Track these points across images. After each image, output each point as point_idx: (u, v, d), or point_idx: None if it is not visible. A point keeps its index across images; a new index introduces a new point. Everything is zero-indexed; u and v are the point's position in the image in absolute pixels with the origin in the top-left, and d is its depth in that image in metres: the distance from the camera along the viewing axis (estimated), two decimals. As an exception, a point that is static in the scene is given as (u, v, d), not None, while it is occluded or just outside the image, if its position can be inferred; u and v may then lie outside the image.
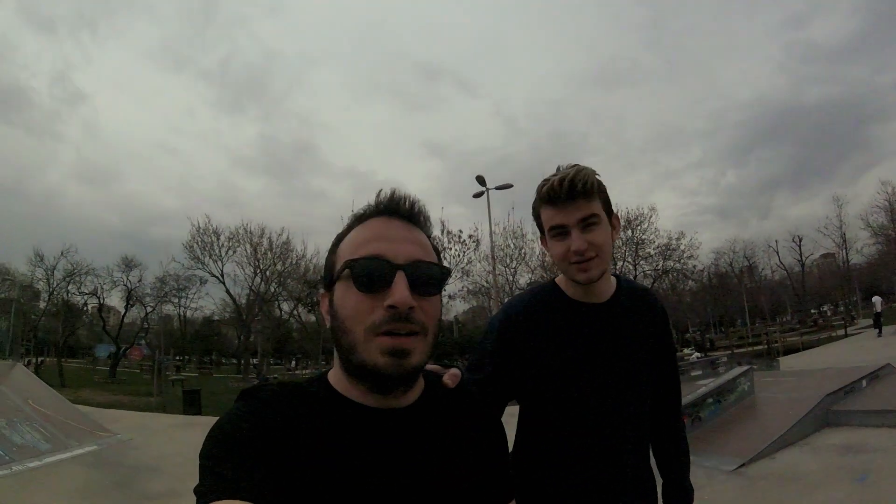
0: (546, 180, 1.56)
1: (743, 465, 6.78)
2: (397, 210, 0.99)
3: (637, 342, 1.69)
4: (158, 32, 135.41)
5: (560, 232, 1.56)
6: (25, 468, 8.32)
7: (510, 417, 1.50)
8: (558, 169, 1.58)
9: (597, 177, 1.55)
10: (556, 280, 1.74)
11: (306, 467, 0.85)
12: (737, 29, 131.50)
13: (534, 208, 1.66)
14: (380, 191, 0.99)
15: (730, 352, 34.80)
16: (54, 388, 17.47)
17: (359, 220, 1.00)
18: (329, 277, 0.98)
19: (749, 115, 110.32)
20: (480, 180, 25.99)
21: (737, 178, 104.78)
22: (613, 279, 1.74)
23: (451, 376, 1.14)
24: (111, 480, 8.19)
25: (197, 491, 0.79)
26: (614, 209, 1.65)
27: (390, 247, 0.92)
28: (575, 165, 1.55)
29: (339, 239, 1.00)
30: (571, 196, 1.51)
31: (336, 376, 0.99)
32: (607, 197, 1.60)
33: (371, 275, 0.90)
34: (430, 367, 1.17)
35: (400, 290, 0.88)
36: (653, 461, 1.83)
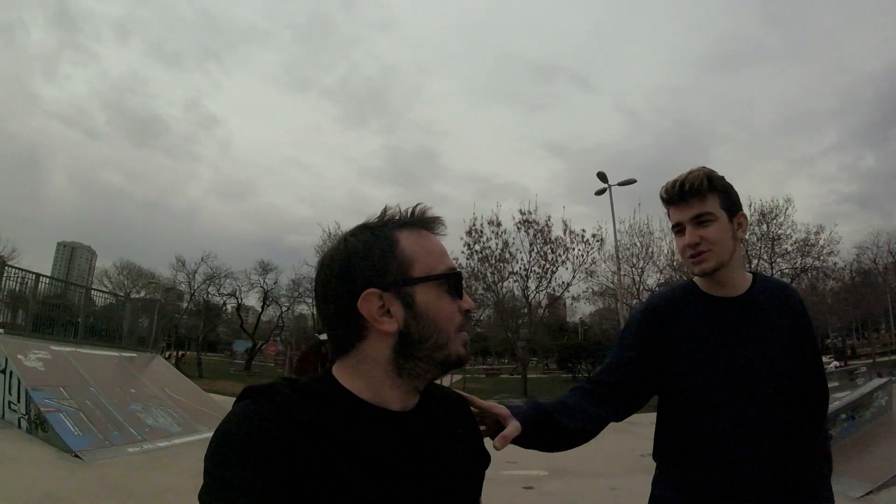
0: (665, 184, 1.77)
1: (871, 491, 6.17)
2: (439, 229, 1.07)
3: (773, 334, 1.70)
4: (280, 57, 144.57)
5: (679, 229, 1.75)
6: (155, 447, 9.10)
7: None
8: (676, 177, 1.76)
9: (708, 179, 1.70)
10: (694, 278, 1.85)
11: (329, 474, 0.85)
12: None
13: (666, 211, 1.84)
14: (417, 204, 1.05)
15: (871, 361, 31.81)
16: (192, 378, 18.96)
17: (407, 225, 1.03)
18: (400, 278, 0.97)
19: (884, 87, 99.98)
20: (602, 177, 25.39)
21: (877, 160, 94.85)
22: (749, 275, 1.82)
23: (502, 440, 1.29)
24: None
25: (202, 499, 0.79)
26: (745, 205, 1.80)
27: (451, 262, 1.05)
28: (699, 168, 1.73)
29: (393, 240, 0.99)
30: (682, 196, 1.71)
31: (346, 375, 0.99)
32: (729, 197, 1.73)
33: (460, 286, 1.03)
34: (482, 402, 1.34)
35: (470, 299, 1.05)
36: None
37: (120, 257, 48.88)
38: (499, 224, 31.03)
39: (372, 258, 0.97)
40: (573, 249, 31.28)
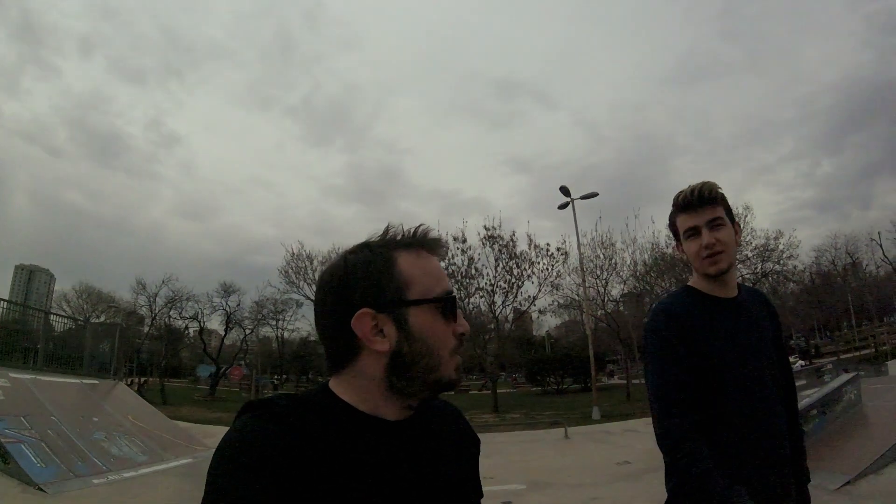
0: (680, 192, 1.97)
1: (848, 482, 6.30)
2: (439, 251, 1.08)
3: (763, 329, 2.01)
4: (242, 76, 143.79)
5: (693, 233, 1.95)
6: (121, 478, 8.80)
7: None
8: (688, 186, 1.97)
9: (720, 190, 1.94)
10: (689, 284, 2.07)
11: (329, 481, 0.85)
12: (812, 6, 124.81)
13: (670, 219, 2.05)
14: (419, 225, 1.06)
15: (835, 358, 32.54)
16: (155, 405, 18.50)
17: (407, 246, 1.03)
18: (396, 299, 0.99)
19: (839, 97, 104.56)
20: (565, 191, 25.75)
21: (833, 167, 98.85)
22: None
23: None
24: (203, 491, 8.46)
25: None
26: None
27: (448, 285, 1.05)
28: (706, 181, 1.95)
29: (391, 260, 1.00)
30: (700, 202, 1.92)
31: (342, 388, 1.00)
32: (729, 206, 1.98)
33: (455, 309, 1.03)
34: None
35: (466, 323, 1.05)
36: None
37: (79, 280, 47.43)
38: (464, 240, 31.19)
39: (369, 277, 0.98)
40: (538, 263, 31.69)
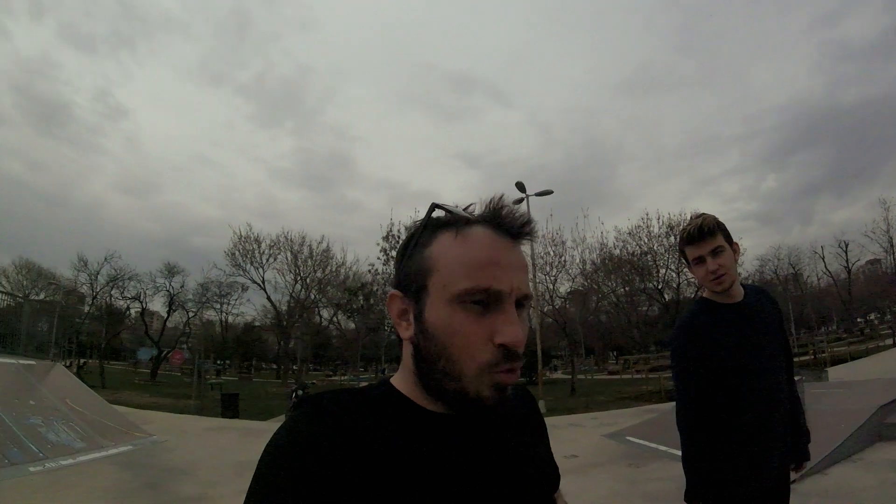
0: (684, 228, 2.35)
1: (793, 481, 6.41)
2: (508, 227, 0.87)
3: (770, 325, 2.40)
4: (195, 50, 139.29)
5: (699, 261, 2.31)
6: (59, 466, 8.40)
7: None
8: (691, 218, 2.37)
9: (716, 221, 2.30)
10: (703, 296, 2.44)
11: (385, 483, 0.76)
12: (769, 30, 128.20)
13: (679, 248, 2.43)
14: (492, 198, 0.88)
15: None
16: (95, 389, 17.87)
17: (455, 224, 0.85)
18: (416, 285, 0.85)
19: (786, 117, 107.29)
20: (520, 186, 25.81)
21: (777, 182, 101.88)
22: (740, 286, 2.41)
23: None
24: (142, 481, 8.20)
25: None
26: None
27: (504, 275, 0.81)
28: (702, 214, 2.34)
29: (428, 240, 0.86)
30: (701, 236, 2.28)
31: (399, 380, 0.91)
32: (727, 232, 2.33)
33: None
34: None
35: (515, 331, 0.80)
36: None
37: (19, 254, 45.27)
38: (415, 231, 31.11)
39: (402, 255, 0.90)
40: (490, 258, 31.83)
